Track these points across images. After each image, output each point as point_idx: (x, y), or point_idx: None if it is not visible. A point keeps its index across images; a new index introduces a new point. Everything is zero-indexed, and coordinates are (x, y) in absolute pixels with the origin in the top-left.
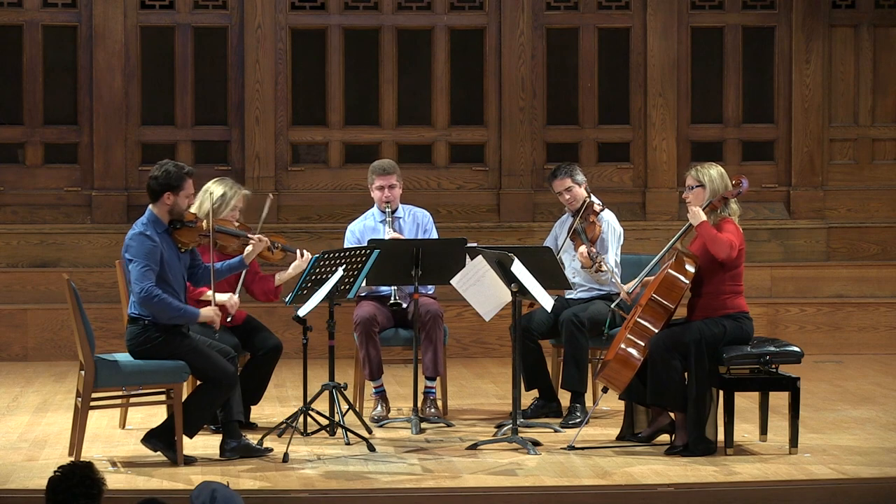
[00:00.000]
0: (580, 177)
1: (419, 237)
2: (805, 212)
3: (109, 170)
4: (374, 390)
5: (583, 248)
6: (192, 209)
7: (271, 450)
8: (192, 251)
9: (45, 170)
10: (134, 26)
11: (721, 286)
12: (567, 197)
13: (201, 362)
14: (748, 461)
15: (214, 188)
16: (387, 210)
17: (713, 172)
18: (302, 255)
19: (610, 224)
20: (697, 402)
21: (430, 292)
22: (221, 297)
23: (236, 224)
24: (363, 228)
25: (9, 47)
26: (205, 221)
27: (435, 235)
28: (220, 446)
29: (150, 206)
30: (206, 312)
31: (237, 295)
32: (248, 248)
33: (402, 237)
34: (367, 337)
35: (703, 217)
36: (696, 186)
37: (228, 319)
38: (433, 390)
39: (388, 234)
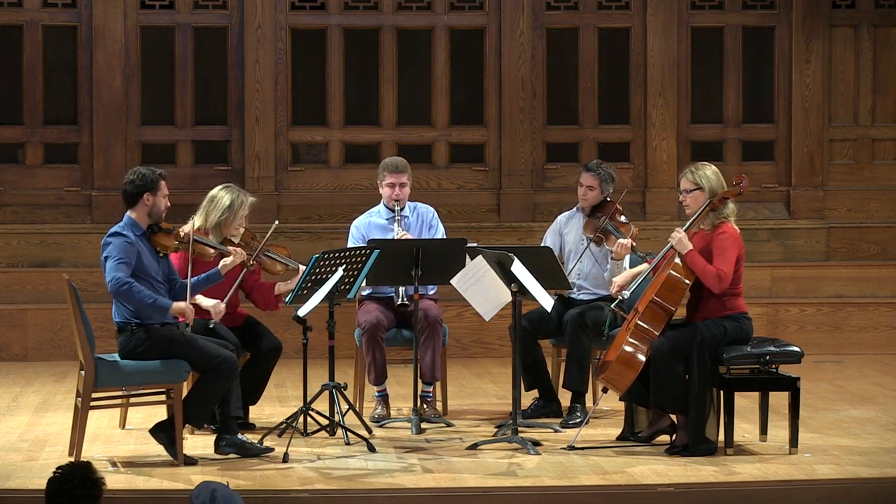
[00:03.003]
0: (607, 185)
1: (425, 234)
2: (805, 212)
3: (109, 170)
4: (376, 393)
5: (625, 241)
6: (198, 220)
7: (272, 449)
8: (167, 263)
9: (45, 170)
10: (134, 26)
11: None
12: (583, 194)
13: (197, 354)
14: (748, 461)
15: (223, 197)
16: (395, 208)
17: (708, 172)
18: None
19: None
20: (698, 402)
21: (431, 293)
22: (207, 303)
23: (242, 230)
24: (368, 225)
25: (9, 47)
26: (181, 229)
27: (440, 229)
28: (214, 442)
29: (128, 212)
30: (179, 305)
31: (224, 303)
32: (226, 260)
33: (411, 237)
34: (374, 342)
35: (690, 245)
36: (694, 189)
37: (211, 325)
38: (430, 394)
39: (398, 233)
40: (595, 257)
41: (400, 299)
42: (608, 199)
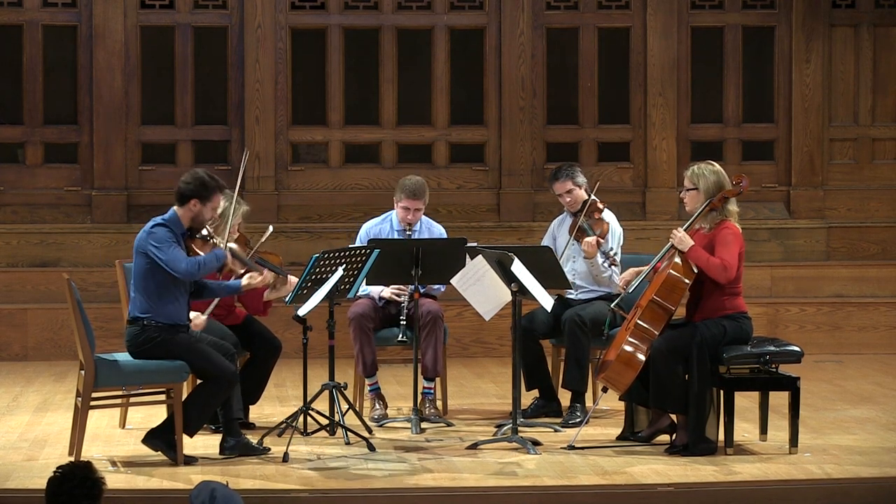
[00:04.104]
0: (580, 178)
1: None
2: (805, 212)
3: (109, 170)
4: (369, 388)
5: (591, 239)
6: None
7: (269, 449)
8: None
9: (45, 170)
10: (134, 26)
11: (720, 287)
12: (568, 199)
13: (201, 361)
14: (748, 461)
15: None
16: (405, 229)
17: (707, 172)
18: (289, 280)
19: (611, 225)
20: (698, 402)
21: (439, 291)
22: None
23: (235, 235)
24: (378, 233)
25: (9, 47)
26: (218, 241)
27: None
28: (219, 444)
29: (175, 208)
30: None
31: (205, 315)
32: (251, 280)
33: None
34: (360, 332)
35: (691, 242)
36: (691, 189)
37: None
38: (431, 391)
39: None
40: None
41: (406, 309)
42: (590, 198)
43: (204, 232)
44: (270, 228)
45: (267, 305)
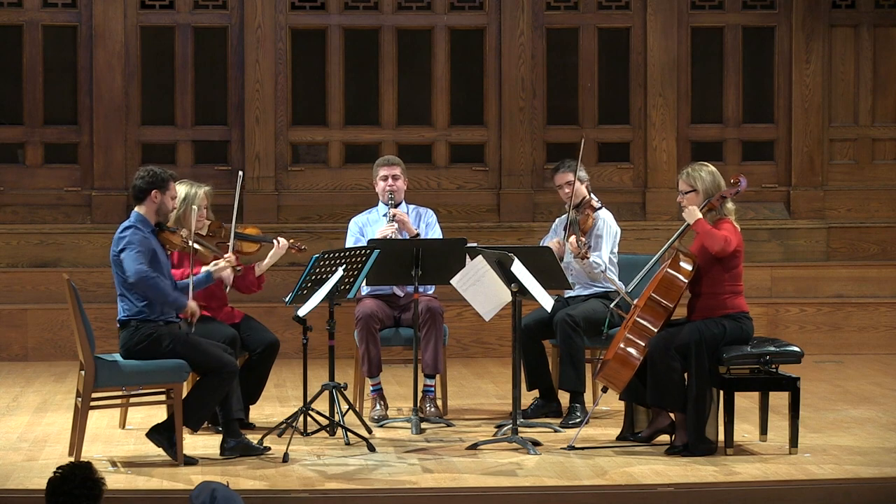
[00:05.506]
0: (583, 174)
1: (422, 230)
2: (805, 212)
3: (109, 170)
4: (371, 388)
5: (572, 238)
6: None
7: (269, 449)
8: (169, 260)
9: (45, 170)
10: (134, 26)
11: (720, 286)
12: (567, 191)
13: (198, 355)
14: (748, 461)
15: (178, 190)
16: (390, 202)
17: (703, 173)
18: (278, 243)
19: (606, 222)
20: (697, 402)
21: (429, 292)
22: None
23: (207, 222)
24: (365, 221)
25: (9, 47)
26: (184, 231)
27: (437, 231)
28: (220, 445)
29: (136, 209)
30: (191, 304)
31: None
32: (220, 264)
33: (396, 237)
34: (367, 333)
35: (699, 215)
36: (690, 192)
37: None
38: (432, 389)
39: (384, 229)
40: None
41: (402, 293)
42: (587, 196)
43: (171, 225)
44: (240, 173)
45: (260, 280)
